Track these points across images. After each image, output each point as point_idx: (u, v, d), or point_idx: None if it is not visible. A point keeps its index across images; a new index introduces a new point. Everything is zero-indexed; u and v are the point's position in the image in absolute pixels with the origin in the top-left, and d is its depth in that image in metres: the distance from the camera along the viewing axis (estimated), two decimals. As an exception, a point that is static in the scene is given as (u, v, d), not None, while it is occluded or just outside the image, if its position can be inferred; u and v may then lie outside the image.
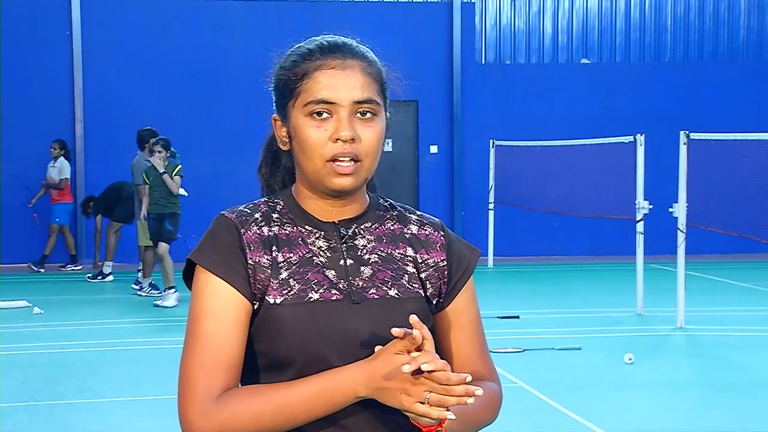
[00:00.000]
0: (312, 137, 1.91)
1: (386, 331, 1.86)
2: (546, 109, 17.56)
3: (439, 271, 2.04)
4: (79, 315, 11.37)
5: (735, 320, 11.11)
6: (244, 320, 1.92)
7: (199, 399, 1.87)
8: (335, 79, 1.92)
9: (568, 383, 8.06)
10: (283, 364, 1.91)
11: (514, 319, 10.98)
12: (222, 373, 1.88)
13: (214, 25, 16.92)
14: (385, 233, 2.04)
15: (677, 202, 10.63)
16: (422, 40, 17.36)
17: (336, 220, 2.00)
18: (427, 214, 2.12)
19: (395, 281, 1.99)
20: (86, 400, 7.58)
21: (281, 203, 2.03)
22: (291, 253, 1.96)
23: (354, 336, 1.91)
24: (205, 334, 1.90)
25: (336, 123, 1.91)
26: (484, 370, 2.09)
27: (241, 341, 1.91)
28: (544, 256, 17.45)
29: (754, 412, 7.25)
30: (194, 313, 1.93)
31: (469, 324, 2.09)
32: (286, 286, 1.93)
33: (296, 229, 1.99)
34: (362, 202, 2.04)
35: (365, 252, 2.00)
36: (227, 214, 1.99)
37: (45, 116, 16.32)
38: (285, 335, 1.90)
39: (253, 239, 1.95)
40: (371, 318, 1.93)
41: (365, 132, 1.93)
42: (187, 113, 16.74)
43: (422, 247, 2.05)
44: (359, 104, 1.92)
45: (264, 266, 1.93)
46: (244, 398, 1.85)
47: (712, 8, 18.29)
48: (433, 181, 17.56)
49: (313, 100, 1.92)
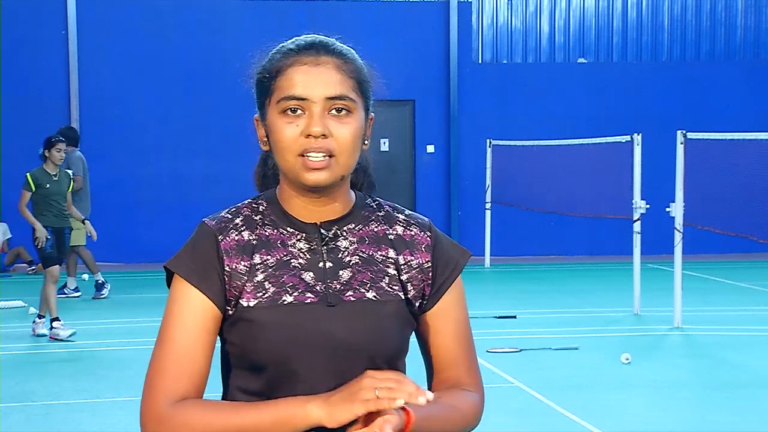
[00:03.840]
0: (284, 133, 1.91)
1: (361, 334, 1.89)
2: (543, 109, 17.55)
3: (422, 273, 2.01)
4: (75, 315, 11.34)
5: (732, 320, 11.11)
6: (211, 328, 1.94)
7: (157, 403, 1.89)
8: (307, 76, 1.91)
9: (565, 383, 8.04)
10: (257, 366, 1.92)
11: (511, 319, 10.97)
12: (183, 380, 1.90)
13: (210, 25, 16.90)
14: (369, 234, 2.01)
15: (674, 202, 10.62)
16: (419, 40, 17.35)
17: (318, 221, 1.99)
18: (416, 214, 2.09)
19: (374, 283, 1.96)
20: (83, 401, 7.57)
21: (264, 204, 2.03)
22: (269, 256, 1.96)
23: (328, 338, 1.90)
24: (171, 339, 1.92)
25: (308, 119, 1.90)
26: (466, 377, 2.05)
27: (206, 350, 1.93)
28: (541, 255, 17.44)
29: (751, 411, 7.24)
30: (165, 319, 1.95)
31: (454, 327, 2.04)
32: (260, 288, 1.93)
33: (277, 231, 1.98)
34: (346, 201, 2.02)
35: (346, 254, 1.98)
36: (207, 221, 2.00)
37: (40, 116, 16.29)
38: (258, 338, 1.91)
39: (232, 245, 1.95)
40: (346, 320, 1.92)
41: (339, 128, 1.91)
42: (182, 113, 16.72)
43: (406, 248, 2.02)
44: (332, 100, 1.91)
45: (240, 272, 1.94)
46: (199, 410, 1.86)
47: (709, 7, 18.29)
48: (429, 180, 17.55)
49: (285, 96, 1.91)
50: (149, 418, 1.89)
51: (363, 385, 1.75)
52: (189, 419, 1.85)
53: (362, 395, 1.74)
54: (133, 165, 16.67)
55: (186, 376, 1.90)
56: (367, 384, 1.75)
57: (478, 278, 14.83)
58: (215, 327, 1.93)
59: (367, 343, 1.91)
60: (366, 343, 1.91)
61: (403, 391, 1.73)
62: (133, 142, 16.59)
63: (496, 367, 8.41)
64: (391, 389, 1.73)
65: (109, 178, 15.72)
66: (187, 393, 1.89)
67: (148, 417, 1.90)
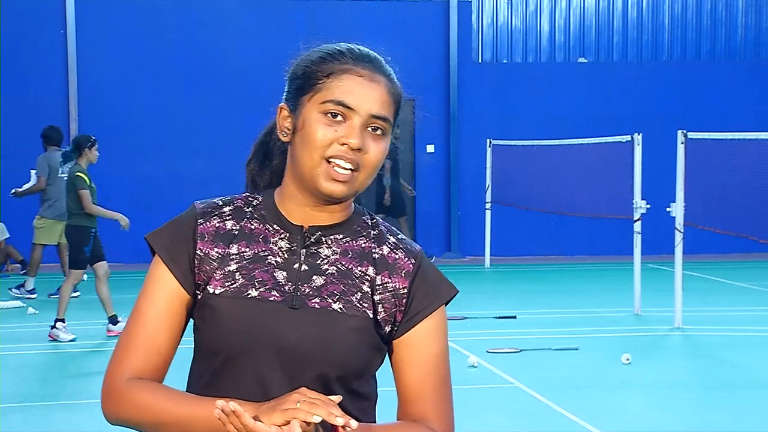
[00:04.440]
0: (319, 133, 1.91)
1: (315, 342, 1.89)
2: (543, 109, 17.53)
3: (396, 297, 1.98)
4: (73, 316, 11.32)
5: (732, 320, 11.09)
6: (177, 309, 1.98)
7: (114, 376, 1.95)
8: (361, 87, 1.93)
9: (565, 383, 8.03)
10: (211, 353, 1.95)
11: (511, 319, 10.95)
12: (141, 357, 1.95)
13: (209, 24, 16.87)
14: (354, 249, 2.00)
15: (675, 202, 10.60)
16: (419, 39, 17.32)
17: (306, 225, 1.99)
18: (410, 241, 2.08)
19: (344, 296, 1.95)
20: (81, 401, 7.56)
21: (259, 199, 2.05)
22: (247, 248, 1.98)
23: (282, 339, 1.91)
24: (139, 315, 1.98)
25: (348, 128, 1.92)
26: (431, 413, 1.99)
27: (168, 330, 1.97)
28: (541, 255, 17.42)
29: (751, 412, 7.23)
30: (140, 293, 2.00)
31: (425, 361, 2.00)
32: (230, 278, 1.95)
33: (263, 226, 2.00)
34: (344, 213, 2.02)
35: (325, 262, 1.98)
36: (197, 204, 2.05)
37: (39, 116, 16.25)
38: (216, 326, 1.94)
39: (209, 230, 1.99)
40: (305, 326, 1.91)
41: (372, 146, 1.94)
42: (182, 112, 16.70)
43: (386, 270, 2.00)
44: (375, 119, 1.94)
45: (212, 258, 1.97)
46: (147, 392, 1.91)
47: (710, 7, 18.27)
48: (429, 180, 17.53)
49: (333, 99, 1.92)
50: (105, 389, 1.95)
51: (289, 399, 1.77)
52: (136, 399, 1.90)
53: (285, 406, 1.76)
54: (133, 165, 16.65)
55: (145, 353, 1.95)
56: (293, 398, 1.77)
57: (477, 278, 14.82)
58: (181, 308, 1.98)
59: (318, 352, 1.90)
60: (318, 352, 1.90)
61: (325, 409, 1.74)
62: (132, 142, 16.56)
63: (496, 368, 8.40)
64: (313, 404, 1.75)
65: (108, 178, 15.67)
66: (143, 370, 1.94)
67: (106, 386, 1.96)
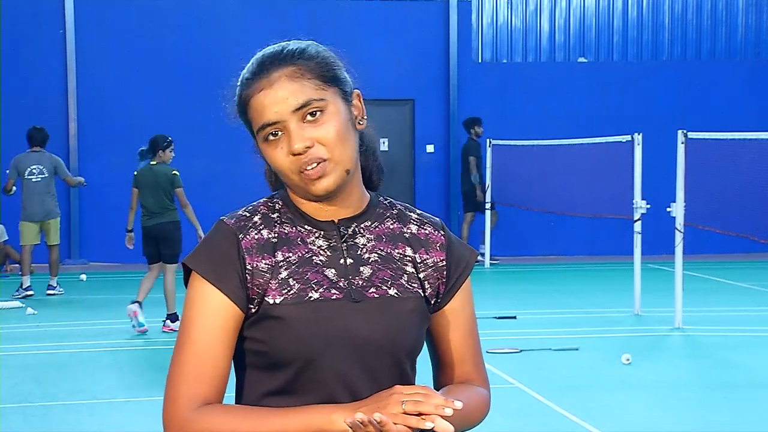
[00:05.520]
0: (276, 159, 1.93)
1: (384, 330, 1.92)
2: (543, 109, 17.52)
3: (438, 271, 2.04)
4: (72, 316, 11.32)
5: (733, 320, 11.08)
6: (232, 329, 1.93)
7: (179, 408, 1.89)
8: (267, 99, 1.92)
9: (565, 384, 8.02)
10: (282, 363, 1.92)
11: (511, 320, 10.94)
12: (204, 384, 1.90)
13: (209, 24, 16.86)
14: (385, 232, 2.03)
15: (675, 202, 10.58)
16: (419, 39, 17.31)
17: (335, 219, 2.00)
18: (427, 213, 2.12)
19: (394, 281, 1.98)
20: (80, 402, 7.54)
21: (279, 203, 2.03)
22: (290, 253, 1.96)
23: (354, 335, 1.92)
24: (191, 342, 1.92)
25: (286, 139, 1.91)
26: (474, 373, 2.11)
27: (226, 351, 1.93)
28: (541, 256, 17.41)
29: (752, 412, 7.22)
30: (184, 320, 1.95)
31: (464, 325, 2.09)
32: (285, 285, 1.93)
33: (295, 229, 1.99)
34: (360, 199, 2.03)
35: (365, 251, 1.99)
36: (226, 219, 1.99)
37: (38, 115, 16.22)
38: (284, 334, 1.91)
39: (252, 244, 1.95)
40: (371, 317, 1.94)
41: (318, 132, 1.91)
42: (181, 112, 16.67)
43: (422, 247, 2.04)
44: (300, 110, 1.91)
45: (263, 270, 1.93)
46: (223, 416, 1.87)
47: (710, 6, 18.26)
48: (429, 180, 17.52)
49: (260, 126, 1.94)
50: (171, 423, 1.89)
51: (391, 399, 1.79)
52: (213, 425, 1.85)
53: (390, 409, 1.77)
54: (132, 164, 16.51)
55: (207, 378, 1.90)
56: (395, 398, 1.79)
57: (478, 278, 14.72)
58: (235, 327, 1.93)
59: (389, 339, 1.94)
60: (388, 339, 1.94)
61: (430, 404, 1.77)
62: (131, 142, 16.48)
63: (496, 368, 8.38)
64: (417, 402, 1.77)
65: (108, 178, 15.68)
66: (209, 396, 1.90)
67: (171, 422, 1.89)
